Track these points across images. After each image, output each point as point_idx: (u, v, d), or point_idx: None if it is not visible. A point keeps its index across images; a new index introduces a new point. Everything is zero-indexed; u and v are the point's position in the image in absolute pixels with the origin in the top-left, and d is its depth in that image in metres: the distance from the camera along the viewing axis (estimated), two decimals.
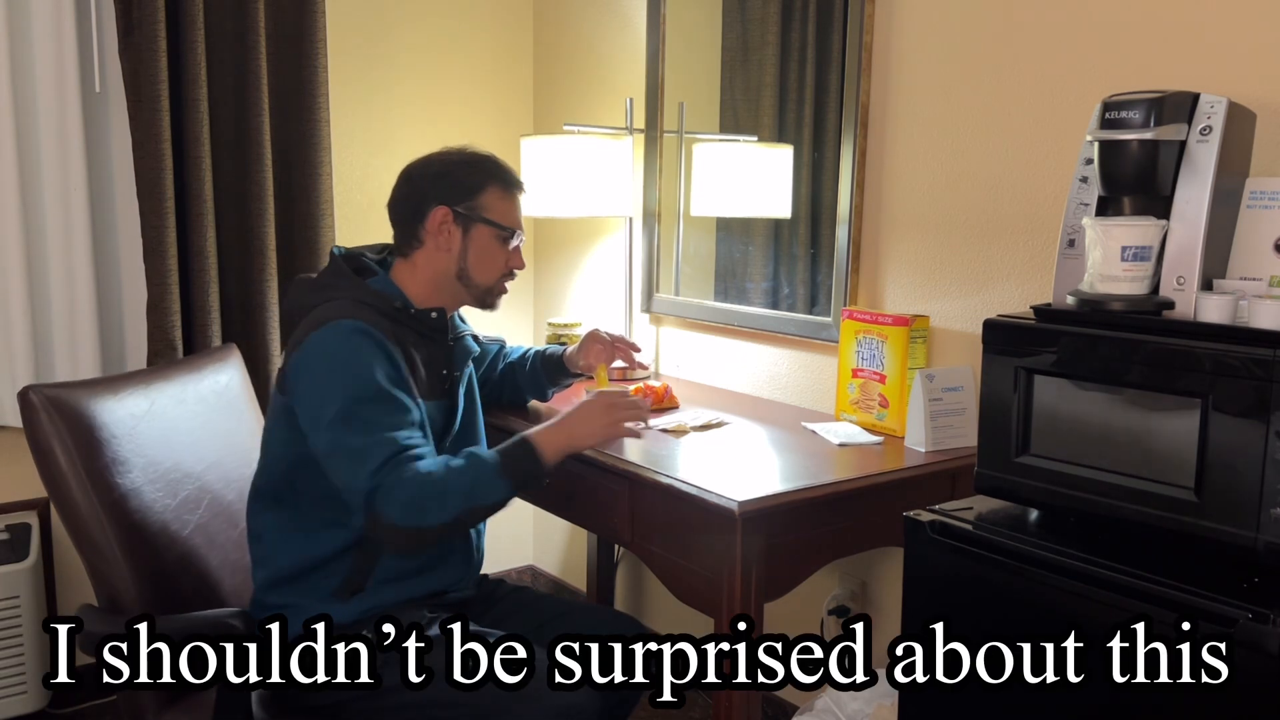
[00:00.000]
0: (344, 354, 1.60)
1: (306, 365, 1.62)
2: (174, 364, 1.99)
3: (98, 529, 1.59)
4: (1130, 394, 1.30)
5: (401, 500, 1.54)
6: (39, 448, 1.59)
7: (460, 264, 1.76)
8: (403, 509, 1.54)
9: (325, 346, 1.61)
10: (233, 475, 1.88)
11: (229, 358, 2.09)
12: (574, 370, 2.11)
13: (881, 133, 2.10)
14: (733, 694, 1.65)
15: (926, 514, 1.45)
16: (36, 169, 2.33)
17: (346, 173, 2.76)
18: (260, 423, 2.05)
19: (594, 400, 1.73)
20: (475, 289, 1.79)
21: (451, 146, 1.81)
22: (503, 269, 1.80)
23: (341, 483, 1.58)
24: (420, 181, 1.76)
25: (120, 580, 1.60)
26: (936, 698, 1.44)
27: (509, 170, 1.80)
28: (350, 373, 1.59)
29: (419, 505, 1.55)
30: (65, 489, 1.59)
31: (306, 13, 2.47)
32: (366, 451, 1.55)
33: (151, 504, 1.67)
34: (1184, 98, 1.36)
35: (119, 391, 1.74)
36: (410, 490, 1.54)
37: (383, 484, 1.53)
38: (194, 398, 1.90)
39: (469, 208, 1.74)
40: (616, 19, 2.74)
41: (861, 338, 2.02)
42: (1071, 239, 1.45)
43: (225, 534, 1.82)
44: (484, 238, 1.76)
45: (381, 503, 1.53)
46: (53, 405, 1.59)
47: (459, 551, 1.79)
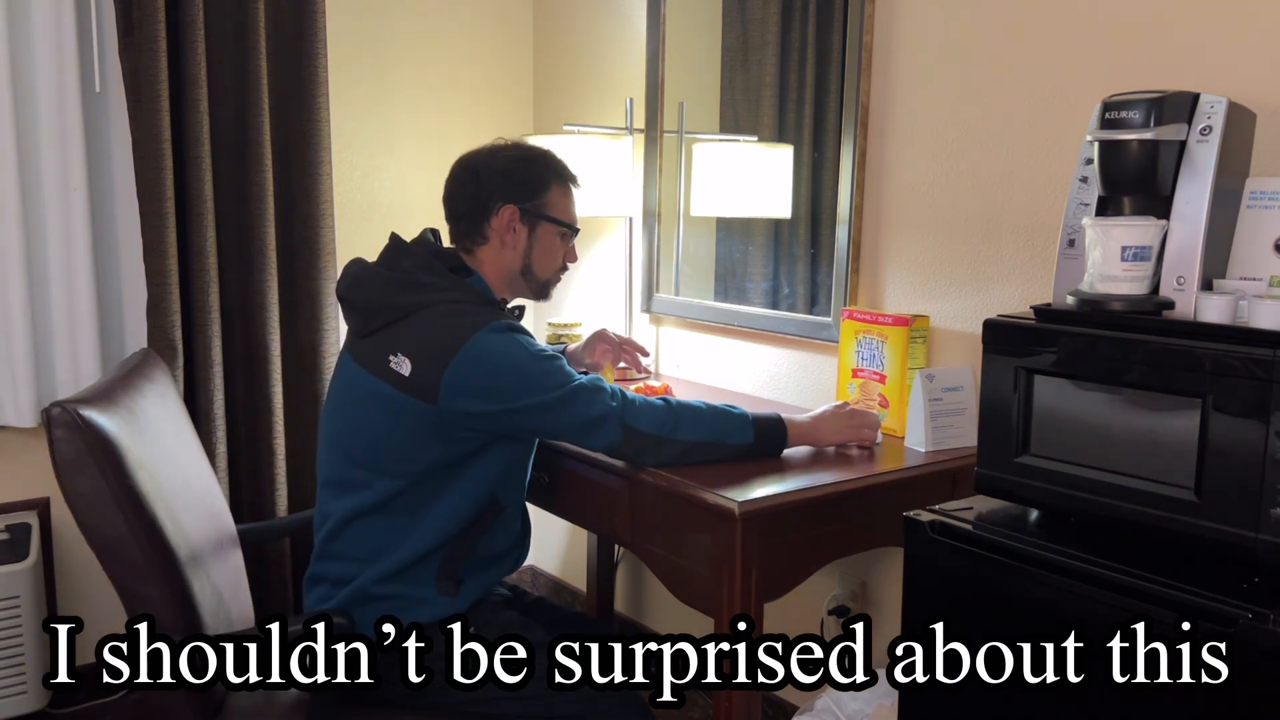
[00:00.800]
0: (514, 348, 1.65)
1: (486, 376, 1.63)
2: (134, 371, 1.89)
3: (135, 550, 1.53)
4: (1130, 394, 1.30)
5: (652, 416, 1.69)
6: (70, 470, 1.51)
7: (525, 260, 1.80)
8: (656, 421, 1.69)
9: (496, 349, 1.64)
10: (203, 489, 1.86)
11: (157, 362, 1.99)
12: (576, 369, 2.10)
13: (881, 133, 2.10)
14: (733, 694, 1.65)
15: (926, 514, 1.45)
16: (36, 169, 2.33)
17: (346, 173, 2.76)
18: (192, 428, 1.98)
19: (841, 409, 1.85)
20: (535, 283, 1.84)
21: (507, 140, 1.85)
22: (560, 263, 1.86)
23: (585, 419, 1.67)
24: (487, 178, 1.77)
25: (159, 599, 1.55)
26: (936, 698, 1.44)
27: (568, 167, 1.84)
28: (529, 358, 1.65)
29: (674, 418, 1.70)
30: (99, 510, 1.52)
31: (306, 13, 2.47)
32: (592, 388, 1.68)
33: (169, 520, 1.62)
34: (1184, 98, 1.36)
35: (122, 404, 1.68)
36: (661, 409, 1.71)
37: (628, 404, 1.69)
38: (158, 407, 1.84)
39: (535, 206, 1.78)
40: (616, 19, 2.74)
41: (861, 338, 2.02)
42: (1071, 239, 1.45)
43: (210, 544, 1.79)
44: (548, 235, 1.80)
45: (633, 417, 1.68)
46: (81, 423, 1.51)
47: (527, 534, 1.88)
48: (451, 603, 1.71)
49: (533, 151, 1.82)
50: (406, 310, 1.67)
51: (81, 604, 2.47)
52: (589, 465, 1.85)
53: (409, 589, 1.69)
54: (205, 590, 1.68)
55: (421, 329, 1.66)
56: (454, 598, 1.71)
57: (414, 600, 1.69)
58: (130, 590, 1.56)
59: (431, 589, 1.70)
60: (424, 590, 1.70)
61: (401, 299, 1.69)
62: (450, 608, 1.70)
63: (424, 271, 1.72)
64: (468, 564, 1.73)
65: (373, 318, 1.70)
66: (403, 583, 1.69)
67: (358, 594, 1.69)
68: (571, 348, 2.12)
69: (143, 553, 1.55)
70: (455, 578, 1.72)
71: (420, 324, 1.66)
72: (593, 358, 2.10)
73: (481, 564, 1.75)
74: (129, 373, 1.89)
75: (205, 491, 1.87)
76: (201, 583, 1.67)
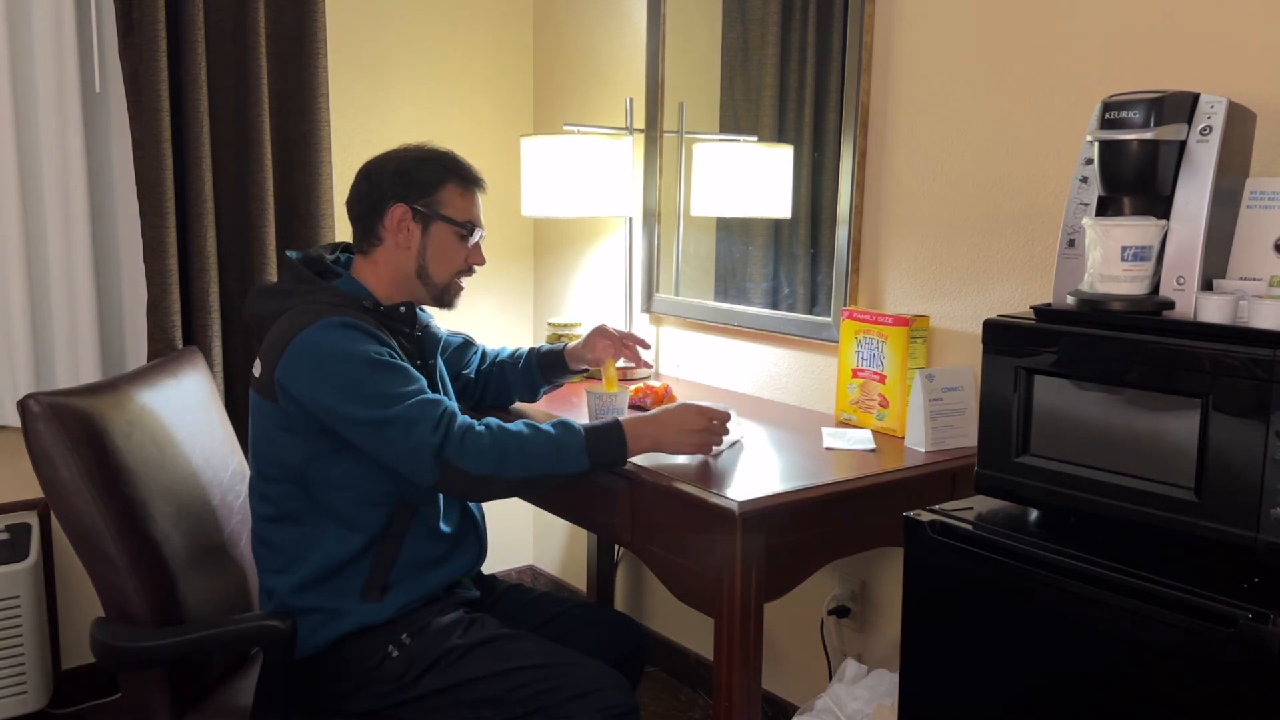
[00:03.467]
0: (343, 345, 1.61)
1: (306, 368, 1.61)
2: (150, 368, 1.97)
3: (109, 541, 1.56)
4: (1130, 394, 1.30)
5: (476, 449, 1.59)
6: (42, 458, 1.56)
7: (420, 261, 1.76)
8: (477, 457, 1.59)
9: (320, 344, 1.61)
10: (213, 481, 1.87)
11: (195, 360, 2.07)
12: (576, 366, 2.09)
13: (881, 133, 2.10)
14: (733, 694, 1.65)
15: (926, 514, 1.45)
16: (36, 169, 2.33)
17: (347, 173, 2.73)
18: (227, 426, 2.04)
19: (690, 408, 1.75)
20: (433, 286, 1.79)
21: (410, 144, 1.81)
22: (460, 265, 1.80)
23: (399, 450, 1.59)
24: (378, 179, 1.75)
25: (133, 591, 1.57)
26: (937, 697, 1.44)
27: (468, 167, 1.80)
28: (358, 359, 1.60)
29: (499, 454, 1.60)
30: (72, 501, 1.56)
31: (306, 13, 2.47)
32: (413, 413, 1.59)
33: (154, 513, 1.65)
34: (1184, 98, 1.36)
35: (112, 397, 1.72)
36: (486, 441, 1.60)
37: (449, 437, 1.59)
38: (176, 403, 1.88)
39: (427, 205, 1.75)
40: (616, 19, 2.74)
41: (861, 338, 2.02)
42: (1071, 239, 1.45)
43: (215, 539, 1.81)
44: (443, 235, 1.76)
45: (454, 454, 1.58)
46: (55, 414, 1.57)
47: (471, 536, 1.82)
48: (375, 609, 1.67)
49: (429, 152, 1.79)
50: (272, 317, 1.69)
51: (81, 604, 2.47)
52: None
53: (328, 600, 1.67)
54: (194, 585, 1.69)
55: (272, 331, 1.67)
56: (379, 604, 1.67)
57: (332, 612, 1.66)
58: (103, 580, 1.59)
59: (353, 599, 1.67)
60: (344, 601, 1.67)
61: (267, 307, 1.71)
62: (373, 615, 1.67)
63: (291, 279, 1.73)
64: (396, 569, 1.70)
65: (258, 331, 1.73)
66: (322, 594, 1.67)
67: (280, 606, 1.69)
68: (571, 345, 2.11)
69: (116, 544, 1.57)
70: (382, 586, 1.68)
71: (274, 327, 1.67)
72: (593, 353, 2.09)
73: (409, 570, 1.71)
74: (150, 369, 1.94)
75: (217, 486, 1.88)
76: (190, 578, 1.68)
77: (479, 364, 2.10)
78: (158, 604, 1.60)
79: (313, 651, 1.66)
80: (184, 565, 1.68)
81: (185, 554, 1.70)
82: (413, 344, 1.78)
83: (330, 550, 1.67)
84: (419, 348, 1.80)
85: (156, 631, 1.58)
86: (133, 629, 1.57)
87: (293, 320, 1.64)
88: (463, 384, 2.06)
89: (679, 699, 2.65)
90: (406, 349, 1.75)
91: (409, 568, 1.71)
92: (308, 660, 1.67)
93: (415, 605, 1.71)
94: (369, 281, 1.76)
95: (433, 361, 1.83)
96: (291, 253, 1.78)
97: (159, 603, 1.61)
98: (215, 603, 1.75)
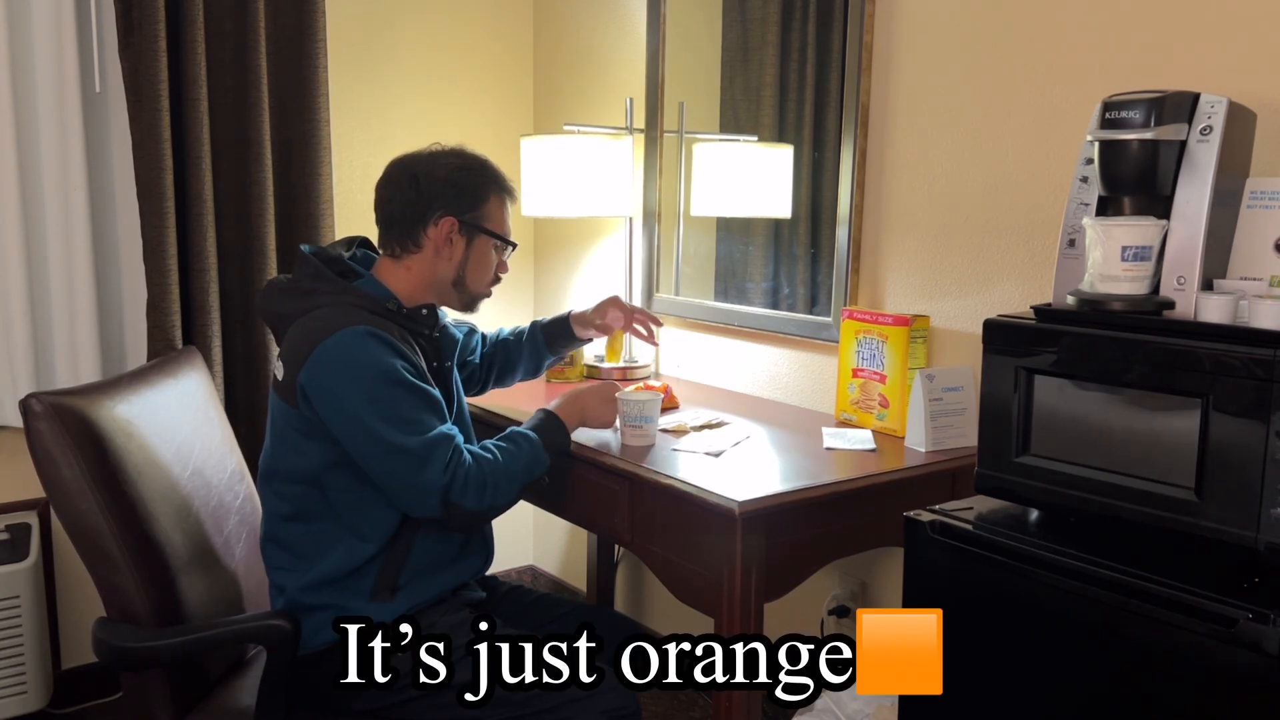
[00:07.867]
0: (366, 360, 1.61)
1: (329, 377, 1.61)
2: (149, 368, 1.96)
3: (110, 540, 1.56)
4: (1130, 394, 1.30)
5: (476, 489, 1.64)
6: (44, 458, 1.56)
7: (460, 272, 1.77)
8: (477, 496, 1.64)
9: (344, 355, 1.60)
10: (212, 481, 1.87)
11: (195, 360, 2.07)
12: (583, 334, 2.09)
13: (881, 133, 2.10)
14: (733, 694, 1.65)
15: (926, 514, 1.45)
16: (36, 169, 2.33)
17: (346, 173, 2.75)
18: (226, 426, 2.04)
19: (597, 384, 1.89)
20: (466, 294, 1.80)
21: (447, 147, 1.80)
22: (493, 276, 1.82)
23: (405, 482, 1.61)
24: (428, 186, 1.73)
25: (135, 591, 1.57)
26: (937, 697, 1.44)
27: (507, 178, 1.81)
28: (379, 377, 1.60)
29: (493, 490, 1.66)
30: (74, 500, 1.56)
31: (306, 13, 2.47)
32: (427, 450, 1.61)
33: (155, 513, 1.65)
34: (1184, 98, 1.36)
35: (112, 397, 1.71)
36: (480, 479, 1.65)
37: (455, 477, 1.63)
38: (175, 403, 1.87)
39: (474, 218, 1.75)
40: (616, 19, 2.74)
41: (862, 338, 2.02)
42: (1072, 239, 1.45)
43: (215, 538, 1.81)
44: (484, 247, 1.78)
45: (458, 494, 1.63)
46: (57, 413, 1.56)
47: (478, 539, 1.84)
48: (384, 608, 1.68)
49: (474, 161, 1.78)
50: (292, 317, 1.68)
51: (81, 604, 2.47)
52: (589, 465, 1.85)
53: (340, 599, 1.67)
54: (194, 585, 1.69)
55: (294, 333, 1.67)
56: (389, 603, 1.68)
57: (340, 609, 1.66)
58: (105, 579, 1.59)
59: (363, 598, 1.68)
60: (353, 600, 1.67)
61: (287, 307, 1.70)
62: (381, 614, 1.67)
63: (311, 278, 1.71)
64: (406, 571, 1.71)
65: (276, 328, 1.73)
66: (334, 592, 1.67)
67: (290, 602, 1.69)
68: (579, 311, 2.10)
69: (117, 544, 1.57)
70: (392, 586, 1.69)
71: (296, 328, 1.67)
72: (603, 319, 2.08)
73: (420, 571, 1.72)
74: (150, 369, 1.94)
75: (216, 486, 1.87)
76: (190, 578, 1.68)
77: (481, 347, 2.10)
78: (159, 604, 1.60)
79: (320, 648, 1.66)
80: (184, 565, 1.68)
81: (185, 554, 1.69)
82: (431, 345, 1.78)
83: (343, 557, 1.68)
84: (437, 348, 1.80)
85: (160, 631, 1.58)
86: (136, 629, 1.57)
87: (316, 325, 1.64)
88: (469, 371, 2.07)
89: (679, 699, 2.64)
90: (425, 349, 1.75)
91: (419, 569, 1.72)
92: (314, 656, 1.66)
93: (423, 606, 1.71)
94: (393, 284, 1.74)
95: (449, 364, 1.83)
96: (306, 246, 1.77)
97: (160, 602, 1.60)
98: (214, 603, 1.74)
